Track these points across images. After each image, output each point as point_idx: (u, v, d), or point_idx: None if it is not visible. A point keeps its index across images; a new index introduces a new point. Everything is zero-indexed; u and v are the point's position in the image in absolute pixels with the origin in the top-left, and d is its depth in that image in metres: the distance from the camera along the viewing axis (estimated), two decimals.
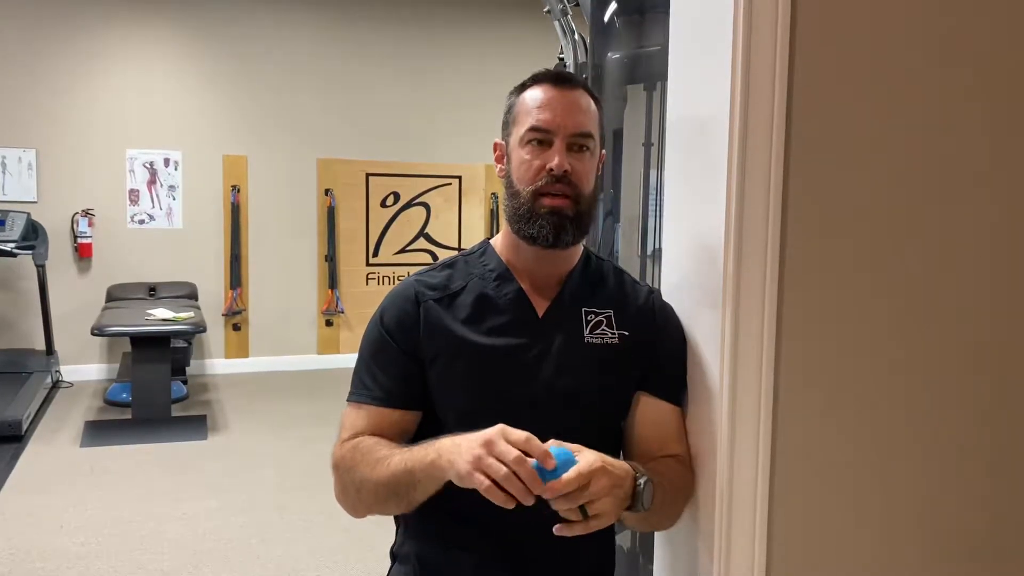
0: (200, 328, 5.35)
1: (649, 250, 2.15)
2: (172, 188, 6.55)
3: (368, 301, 7.00)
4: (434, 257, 7.14)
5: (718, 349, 1.17)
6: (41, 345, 6.07)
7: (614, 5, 2.18)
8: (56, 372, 6.07)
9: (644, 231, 2.16)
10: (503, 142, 1.26)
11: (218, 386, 6.32)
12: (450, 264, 1.30)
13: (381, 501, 1.16)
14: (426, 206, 7.33)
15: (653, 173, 2.13)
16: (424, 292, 1.25)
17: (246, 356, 6.84)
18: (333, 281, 7.03)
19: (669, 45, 1.34)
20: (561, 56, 2.52)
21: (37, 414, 5.31)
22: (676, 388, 1.27)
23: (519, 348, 1.22)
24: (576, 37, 2.43)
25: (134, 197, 6.47)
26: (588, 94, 1.23)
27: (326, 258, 7.01)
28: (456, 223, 7.44)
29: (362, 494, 1.17)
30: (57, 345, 6.13)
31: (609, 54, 2.21)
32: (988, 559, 1.30)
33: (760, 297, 1.15)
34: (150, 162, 6.49)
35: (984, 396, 1.26)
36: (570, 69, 2.42)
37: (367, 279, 7.19)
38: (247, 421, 5.38)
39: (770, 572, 1.19)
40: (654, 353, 1.25)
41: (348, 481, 1.18)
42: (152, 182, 6.51)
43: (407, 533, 1.29)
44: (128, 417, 5.28)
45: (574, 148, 1.19)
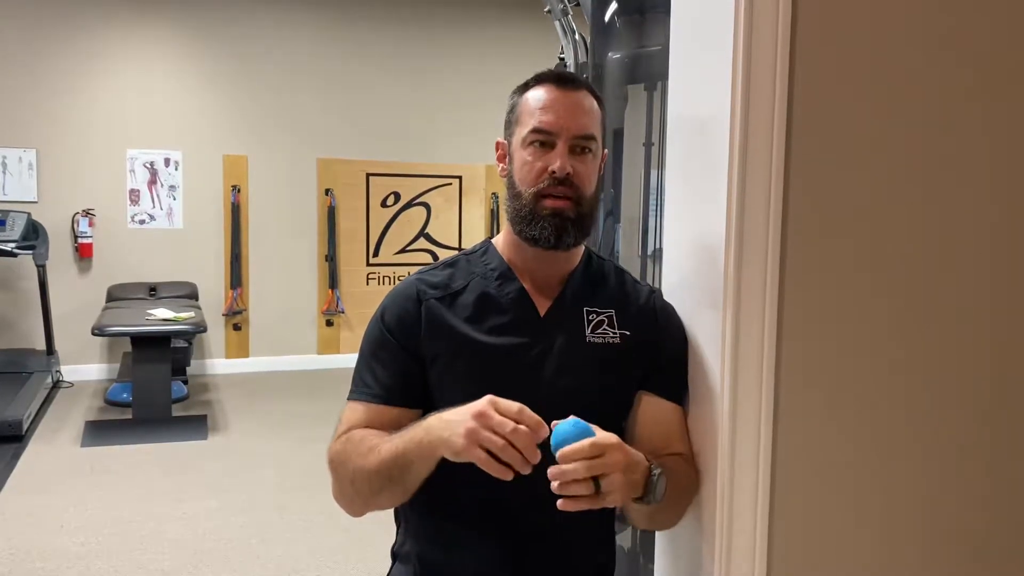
0: (200, 328, 5.35)
1: (649, 250, 2.15)
2: (172, 188, 6.55)
3: (368, 301, 7.00)
4: (434, 257, 7.14)
5: (719, 349, 1.17)
6: (41, 345, 6.08)
7: (615, 5, 2.18)
8: (56, 372, 6.07)
9: (644, 231, 2.16)
10: (505, 141, 1.26)
11: (218, 386, 6.32)
12: (451, 263, 1.30)
13: (376, 491, 1.15)
14: (426, 206, 7.33)
15: (654, 173, 2.13)
16: (426, 291, 1.25)
17: (246, 356, 6.85)
18: (333, 281, 7.03)
19: (670, 45, 1.34)
20: (562, 56, 2.52)
21: (37, 414, 5.31)
22: (678, 387, 1.27)
23: (521, 347, 1.22)
24: (576, 37, 2.43)
25: (134, 197, 6.47)
26: (591, 94, 1.23)
27: (326, 258, 7.01)
28: (456, 223, 7.44)
29: (357, 485, 1.16)
30: (57, 345, 6.13)
31: (610, 54, 2.21)
32: (989, 559, 1.30)
33: (761, 297, 1.15)
34: (150, 162, 6.49)
35: (984, 396, 1.26)
36: (571, 69, 2.42)
37: (367, 279, 7.19)
38: (247, 421, 5.38)
39: (771, 572, 1.19)
40: (656, 353, 1.25)
41: (343, 474, 1.18)
42: (152, 182, 6.51)
43: (408, 533, 1.29)
44: (128, 417, 5.28)
45: (576, 150, 1.19)
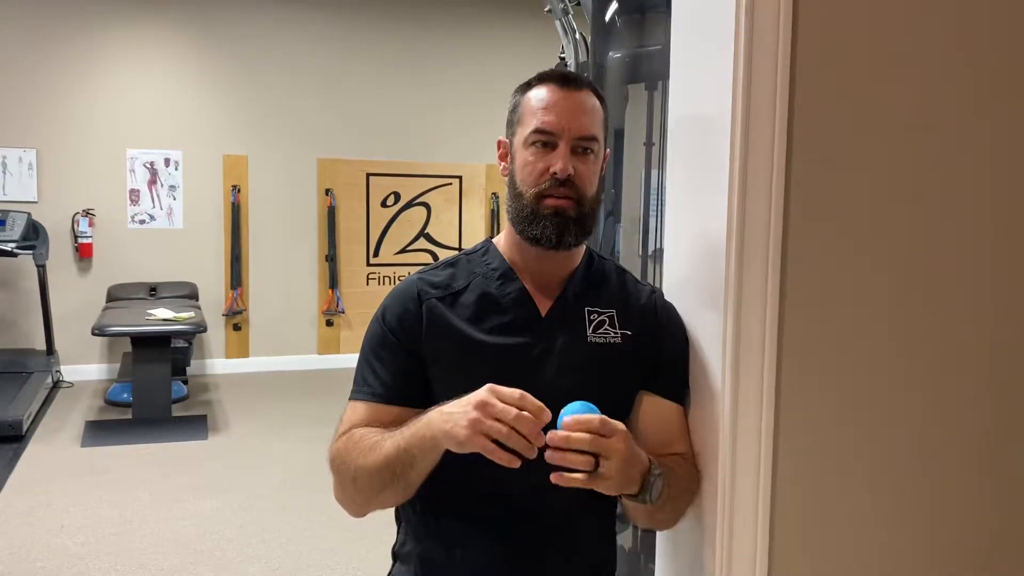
0: (200, 328, 5.35)
1: (650, 250, 2.15)
2: (173, 188, 6.55)
3: (369, 301, 7.00)
4: (435, 257, 7.14)
5: (720, 349, 1.17)
6: (42, 345, 6.08)
7: (615, 4, 2.18)
8: (57, 372, 6.07)
9: (645, 231, 2.16)
10: (507, 140, 1.25)
11: (218, 386, 6.32)
12: (452, 263, 1.30)
13: (379, 489, 1.15)
14: (427, 206, 7.33)
15: (654, 172, 2.13)
16: (427, 290, 1.24)
17: (246, 356, 6.85)
18: (333, 281, 7.03)
19: (670, 44, 1.33)
20: (562, 55, 2.52)
21: (38, 414, 5.31)
22: (679, 387, 1.27)
23: (522, 347, 1.21)
24: (577, 36, 2.43)
25: (135, 197, 6.47)
26: (594, 94, 1.22)
27: (327, 258, 7.01)
28: (457, 223, 7.44)
29: (359, 484, 1.16)
30: (58, 345, 6.13)
31: (610, 53, 2.21)
32: (994, 558, 1.29)
33: (762, 297, 1.15)
34: (151, 162, 6.49)
35: (989, 396, 1.26)
36: (571, 68, 2.42)
37: (368, 279, 7.19)
38: (247, 421, 5.38)
39: (772, 573, 1.19)
40: (657, 352, 1.25)
41: (345, 474, 1.17)
42: (153, 182, 6.51)
43: (408, 532, 1.29)
44: (129, 417, 5.28)
45: (578, 151, 1.18)
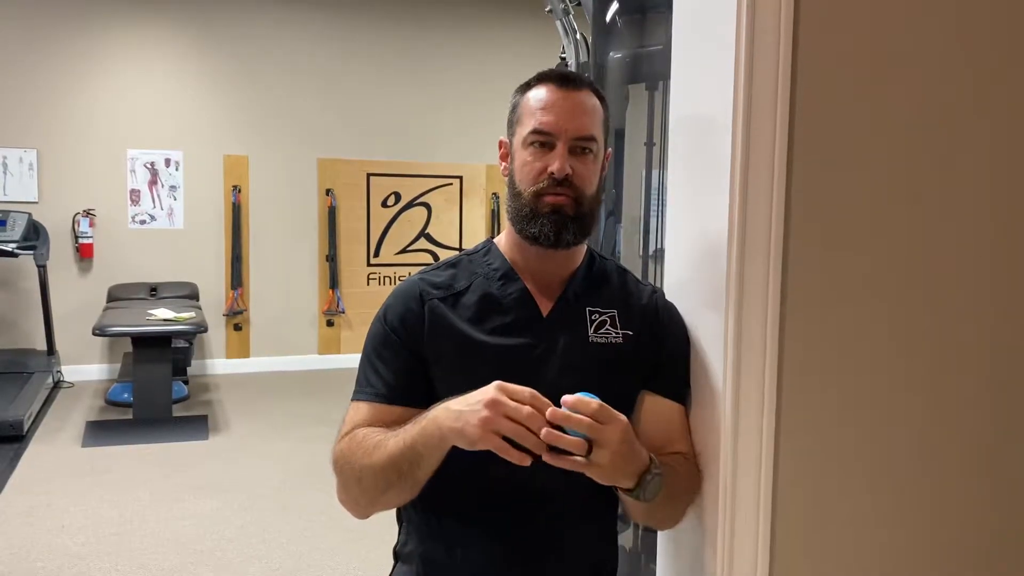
0: (201, 328, 5.35)
1: (651, 250, 2.15)
2: (173, 188, 6.55)
3: (369, 301, 7.00)
4: (435, 257, 7.14)
5: (721, 349, 1.16)
6: (42, 345, 6.08)
7: (616, 4, 2.18)
8: (57, 372, 6.07)
9: (646, 231, 2.16)
10: (508, 141, 1.26)
11: (219, 386, 6.32)
12: (454, 263, 1.30)
13: (384, 488, 1.14)
14: (427, 206, 7.33)
15: (655, 173, 2.13)
16: (429, 291, 1.24)
17: (247, 356, 6.85)
18: (334, 281, 7.03)
19: (671, 44, 1.33)
20: (563, 56, 2.52)
21: (38, 414, 5.31)
22: (680, 387, 1.27)
23: (524, 348, 1.21)
24: (578, 36, 2.43)
25: (135, 197, 6.47)
26: (593, 93, 1.22)
27: (327, 258, 7.01)
28: (457, 223, 7.44)
29: (364, 484, 1.15)
30: (58, 345, 6.13)
31: (611, 53, 2.21)
32: (994, 558, 1.29)
33: (763, 297, 1.15)
34: (151, 162, 6.49)
35: (990, 397, 1.26)
36: (572, 69, 2.42)
37: (368, 279, 7.19)
38: (248, 421, 5.38)
39: (773, 573, 1.19)
40: (658, 352, 1.25)
41: (348, 474, 1.17)
42: (153, 182, 6.51)
43: (410, 532, 1.29)
44: (129, 417, 5.28)
45: (576, 151, 1.18)
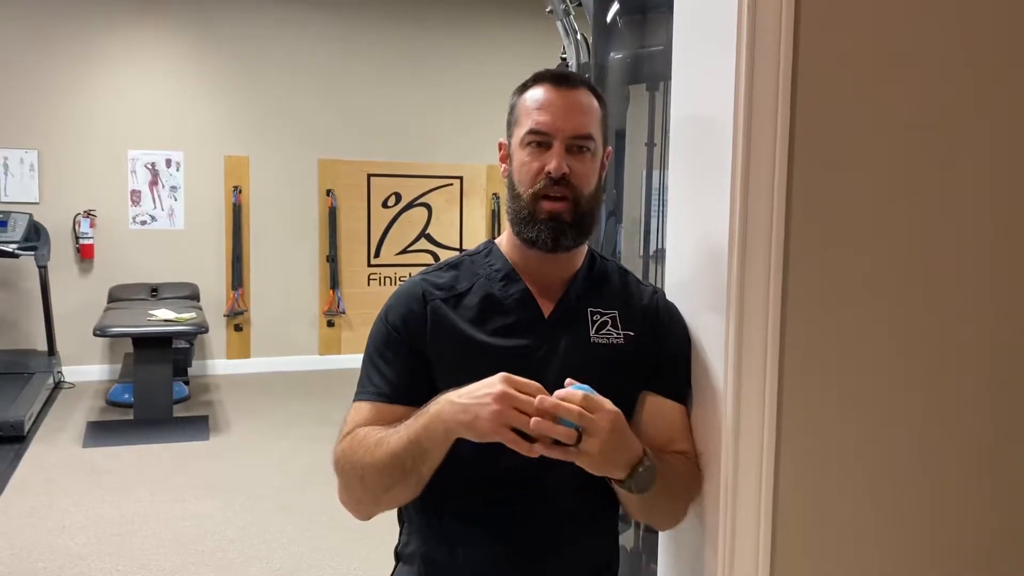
0: (202, 329, 5.35)
1: (651, 250, 2.15)
2: (174, 189, 6.55)
3: (370, 302, 7.00)
4: (436, 258, 7.14)
5: (722, 350, 1.17)
6: (43, 346, 6.08)
7: (616, 5, 2.18)
8: (58, 373, 6.07)
9: (647, 231, 2.17)
10: (506, 142, 1.26)
11: (220, 386, 6.32)
12: (455, 264, 1.30)
13: (387, 486, 1.14)
14: (427, 207, 7.33)
15: (656, 173, 2.13)
16: (431, 291, 1.25)
17: (248, 357, 6.85)
18: (334, 282, 7.03)
19: (672, 45, 1.33)
20: (563, 56, 2.52)
21: (39, 415, 5.31)
22: (681, 387, 1.27)
23: (525, 349, 1.21)
24: (579, 37, 2.43)
25: (136, 198, 6.48)
26: (590, 92, 1.22)
27: (327, 259, 7.01)
28: (458, 224, 7.44)
29: (367, 482, 1.15)
30: (59, 346, 6.13)
31: (611, 54, 2.21)
32: (994, 558, 1.29)
33: (764, 297, 1.15)
34: (152, 163, 6.50)
35: (990, 397, 1.26)
36: (573, 69, 2.42)
37: (369, 280, 7.19)
38: (249, 421, 5.38)
39: (774, 573, 1.19)
40: (659, 353, 1.25)
41: (351, 473, 1.16)
42: (154, 183, 6.51)
43: (411, 532, 1.29)
44: (130, 418, 5.28)
45: (573, 150, 1.18)
